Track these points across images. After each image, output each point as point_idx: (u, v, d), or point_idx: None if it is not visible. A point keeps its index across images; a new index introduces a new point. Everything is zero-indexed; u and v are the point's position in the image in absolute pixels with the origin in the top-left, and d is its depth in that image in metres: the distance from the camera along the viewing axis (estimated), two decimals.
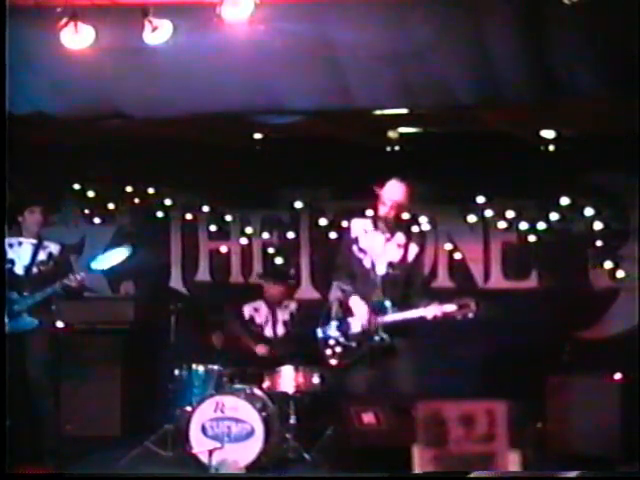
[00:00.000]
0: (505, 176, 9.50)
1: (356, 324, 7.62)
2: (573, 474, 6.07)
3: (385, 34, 6.71)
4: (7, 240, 8.09)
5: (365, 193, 7.74)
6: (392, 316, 7.50)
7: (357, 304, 7.62)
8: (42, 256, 8.12)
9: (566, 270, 9.65)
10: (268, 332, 9.26)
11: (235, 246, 10.33)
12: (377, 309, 7.54)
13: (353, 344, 7.64)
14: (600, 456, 7.84)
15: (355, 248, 7.71)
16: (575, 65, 6.62)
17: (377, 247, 7.63)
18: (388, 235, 7.64)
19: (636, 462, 7.45)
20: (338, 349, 7.70)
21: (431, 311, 7.40)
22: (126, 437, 9.24)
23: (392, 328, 7.51)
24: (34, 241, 8.13)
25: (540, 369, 8.65)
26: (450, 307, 7.40)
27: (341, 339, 7.68)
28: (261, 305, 9.35)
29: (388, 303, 7.53)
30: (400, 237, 7.68)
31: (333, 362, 7.75)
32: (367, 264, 7.63)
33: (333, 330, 7.73)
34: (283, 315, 9.30)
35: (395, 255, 7.64)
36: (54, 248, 8.20)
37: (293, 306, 9.36)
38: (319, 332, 7.80)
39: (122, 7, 6.77)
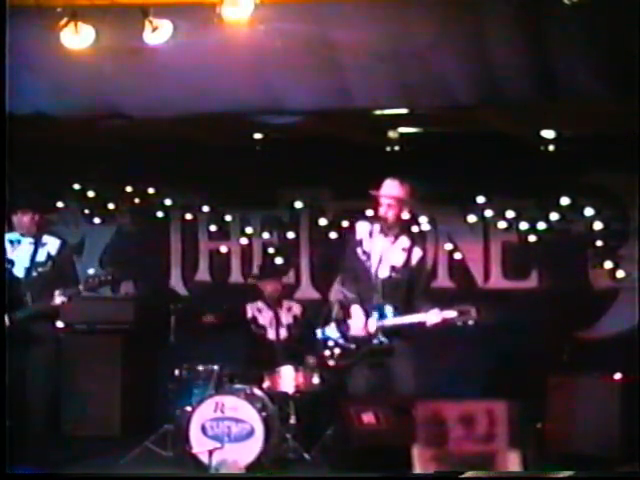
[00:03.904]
0: (505, 176, 9.49)
1: (356, 326, 7.62)
2: (573, 474, 6.07)
3: (385, 34, 6.71)
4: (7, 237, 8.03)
5: (365, 193, 7.73)
6: (391, 320, 7.49)
7: (358, 308, 7.62)
8: (41, 256, 8.03)
9: (566, 270, 9.64)
10: (271, 335, 9.25)
11: (235, 246, 10.33)
12: (377, 312, 7.54)
13: (352, 346, 7.64)
14: (600, 456, 7.85)
15: (359, 250, 7.70)
16: (575, 65, 6.62)
17: (380, 250, 7.61)
18: (392, 238, 7.62)
19: (636, 462, 7.45)
20: (337, 350, 7.70)
21: (431, 317, 7.38)
22: (126, 437, 9.24)
23: (391, 331, 7.51)
24: (32, 239, 8.04)
25: (540, 369, 8.65)
26: (450, 313, 7.38)
27: (340, 341, 7.68)
28: (263, 306, 9.34)
29: (388, 307, 7.52)
30: (404, 241, 7.66)
31: (331, 363, 7.75)
32: (369, 267, 7.62)
33: (333, 331, 7.73)
34: (287, 318, 9.29)
35: (398, 259, 7.62)
36: (52, 246, 8.06)
37: (297, 309, 9.35)
38: (319, 333, 7.81)
39: (122, 7, 6.77)
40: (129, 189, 10.33)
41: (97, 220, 10.46)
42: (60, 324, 9.66)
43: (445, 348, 9.28)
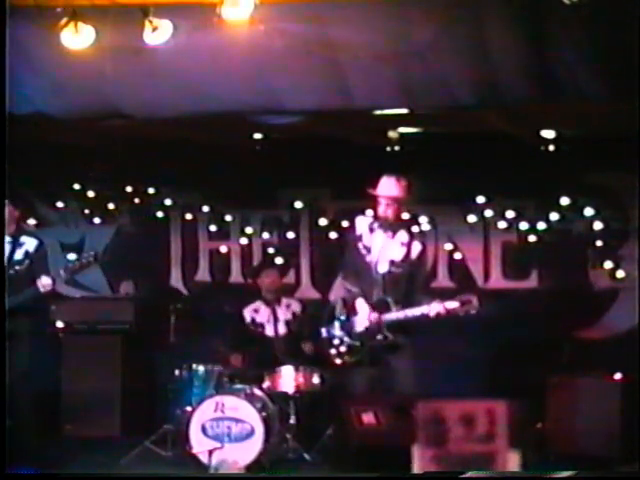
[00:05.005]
0: (505, 176, 9.50)
1: (359, 323, 7.64)
2: (573, 474, 6.08)
3: (385, 34, 6.71)
4: None
5: (365, 193, 7.75)
6: (394, 314, 7.53)
7: (360, 303, 7.64)
8: (18, 255, 7.93)
9: (566, 270, 9.65)
10: (269, 331, 9.25)
11: (235, 246, 10.33)
12: (379, 307, 7.57)
13: (357, 343, 7.66)
14: (600, 456, 7.85)
15: (360, 245, 7.74)
16: (575, 65, 6.62)
17: (380, 245, 7.65)
18: (391, 233, 7.66)
19: (636, 462, 7.45)
20: (342, 348, 7.72)
21: (434, 308, 7.42)
22: (126, 437, 9.24)
23: (395, 326, 7.53)
24: (9, 239, 7.95)
25: (540, 369, 8.65)
26: (452, 304, 7.42)
27: (345, 338, 7.70)
28: (260, 306, 9.34)
29: (390, 301, 7.56)
30: (403, 235, 7.71)
31: (337, 361, 7.77)
32: (370, 262, 7.66)
33: (337, 329, 7.75)
34: (285, 314, 9.29)
35: (398, 253, 7.67)
36: (30, 245, 7.92)
37: (296, 306, 9.36)
38: (323, 331, 7.83)
39: (122, 7, 6.77)
40: (129, 189, 10.34)
41: (97, 220, 10.46)
42: (60, 324, 9.70)
43: (446, 347, 9.30)
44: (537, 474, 6.33)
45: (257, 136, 9.45)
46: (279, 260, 10.08)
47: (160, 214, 10.36)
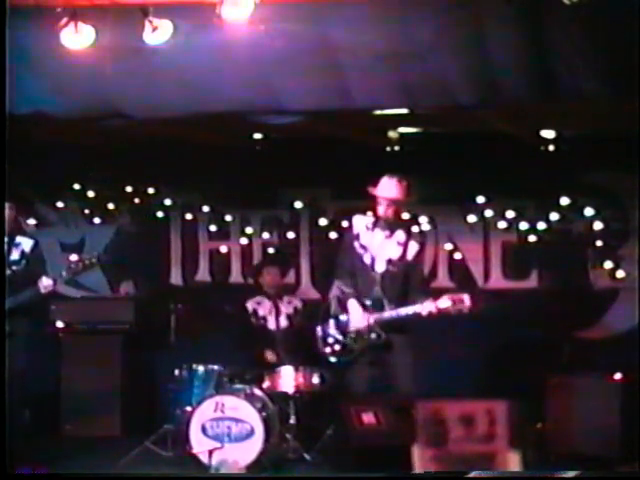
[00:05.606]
0: (505, 176, 9.50)
1: (354, 322, 7.65)
2: (573, 474, 6.08)
3: (385, 34, 6.71)
4: None
5: (365, 193, 7.76)
6: (387, 313, 7.55)
7: (354, 302, 7.65)
8: (15, 255, 7.94)
9: (566, 270, 9.65)
10: (271, 325, 9.26)
11: (235, 246, 10.33)
12: (375, 306, 7.58)
13: (351, 341, 7.67)
14: (600, 456, 7.84)
15: (356, 244, 7.76)
16: (575, 65, 6.62)
17: (377, 244, 7.67)
18: (388, 233, 7.68)
19: (636, 462, 7.45)
20: (337, 347, 7.74)
21: (426, 307, 7.44)
22: (126, 437, 9.24)
23: (388, 325, 7.54)
24: (5, 239, 7.93)
25: (540, 369, 8.65)
26: (444, 302, 7.44)
27: (339, 337, 7.72)
28: (263, 299, 9.36)
29: (386, 300, 7.57)
30: (400, 235, 7.72)
31: (332, 359, 7.79)
32: (367, 261, 7.67)
33: (332, 328, 7.77)
34: (287, 309, 9.31)
35: (394, 252, 7.69)
36: (26, 245, 7.96)
37: (297, 302, 9.38)
38: (318, 330, 7.84)
39: (122, 7, 6.77)
40: (129, 189, 10.33)
41: (97, 220, 10.46)
42: (60, 324, 9.71)
43: (446, 347, 9.30)
44: (537, 474, 6.34)
45: (257, 136, 9.45)
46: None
47: (160, 214, 10.36)
